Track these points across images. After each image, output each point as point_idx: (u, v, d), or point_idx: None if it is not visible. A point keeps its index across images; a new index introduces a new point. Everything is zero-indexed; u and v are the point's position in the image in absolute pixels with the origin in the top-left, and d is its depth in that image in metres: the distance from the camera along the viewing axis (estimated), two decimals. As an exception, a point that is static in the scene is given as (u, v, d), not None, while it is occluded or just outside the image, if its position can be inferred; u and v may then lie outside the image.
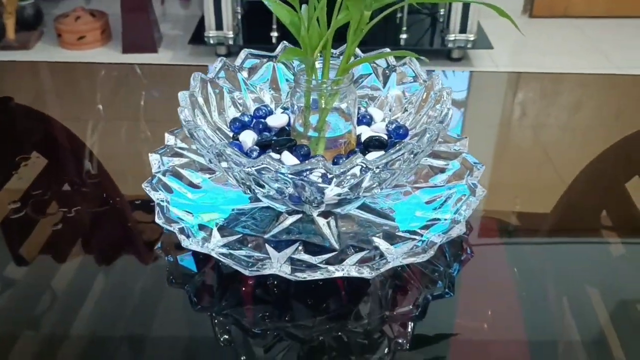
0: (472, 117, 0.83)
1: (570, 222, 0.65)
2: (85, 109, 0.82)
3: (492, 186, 0.67)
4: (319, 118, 0.54)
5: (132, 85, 0.89)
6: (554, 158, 0.74)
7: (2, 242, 0.57)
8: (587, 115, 0.85)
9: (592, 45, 2.22)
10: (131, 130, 0.79)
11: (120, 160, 0.71)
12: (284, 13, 0.52)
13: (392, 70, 0.62)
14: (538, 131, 0.81)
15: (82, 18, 2.09)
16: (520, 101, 0.89)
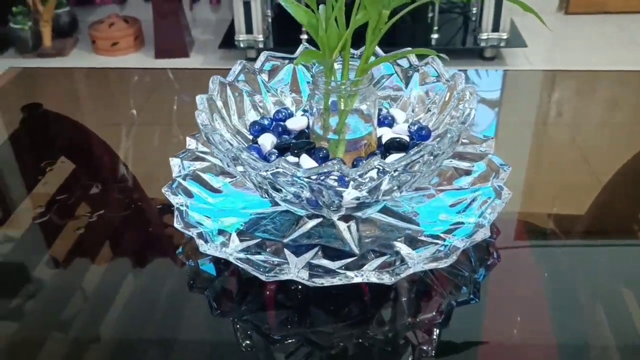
0: (505, 117, 0.81)
1: (603, 224, 0.62)
2: (115, 114, 0.83)
3: (524, 187, 0.65)
4: (338, 120, 0.53)
5: (162, 90, 0.90)
6: (589, 158, 0.71)
7: (30, 246, 0.58)
8: (625, 114, 0.82)
9: (631, 41, 2.15)
10: (160, 135, 0.79)
11: (147, 164, 0.71)
12: (302, 14, 0.51)
13: (414, 70, 0.61)
14: (573, 131, 0.78)
15: (116, 25, 2.13)
16: (555, 100, 0.86)
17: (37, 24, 2.10)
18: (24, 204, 0.64)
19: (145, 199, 0.65)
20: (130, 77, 0.98)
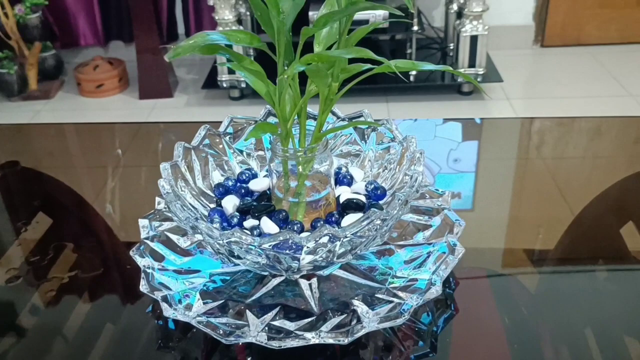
0: (480, 160, 0.84)
1: (564, 271, 0.64)
2: (91, 169, 0.85)
3: (487, 239, 0.67)
4: (297, 184, 0.55)
5: (139, 143, 0.92)
6: (555, 205, 0.74)
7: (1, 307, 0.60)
8: (602, 160, 0.85)
9: (605, 72, 2.20)
10: (135, 190, 0.81)
11: (123, 221, 0.73)
12: (260, 85, 0.54)
13: (372, 129, 0.64)
14: (551, 174, 0.81)
15: (101, 67, 2.16)
16: (532, 146, 0.89)
17: (22, 68, 2.14)
18: (-3, 266, 0.66)
19: (118, 258, 0.67)
20: (107, 131, 1.00)
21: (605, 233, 0.69)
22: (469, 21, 1.93)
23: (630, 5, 2.35)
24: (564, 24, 2.39)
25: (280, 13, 0.45)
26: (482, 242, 0.67)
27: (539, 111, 1.94)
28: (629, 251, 0.64)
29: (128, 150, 0.90)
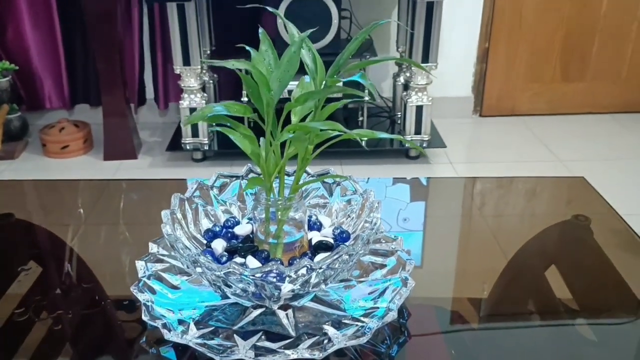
0: (428, 217, 0.97)
1: (500, 308, 0.77)
2: (71, 221, 0.94)
3: (436, 275, 0.79)
4: (276, 228, 0.67)
5: (111, 199, 1.02)
6: (502, 250, 0.87)
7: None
8: (537, 215, 1.00)
9: (537, 140, 2.44)
10: (114, 238, 0.91)
11: (105, 265, 0.82)
12: (246, 144, 0.66)
13: (336, 184, 0.76)
14: (491, 228, 0.95)
15: (67, 129, 2.24)
16: (470, 203, 1.03)
17: (-13, 129, 2.19)
18: None
19: (105, 297, 0.76)
20: (89, 187, 1.09)
21: (533, 274, 0.82)
22: (415, 92, 2.13)
23: (556, 80, 2.63)
24: (500, 97, 2.64)
25: (270, 91, 0.58)
26: (430, 292, 0.79)
27: (478, 173, 2.12)
28: (551, 289, 0.77)
29: (97, 205, 0.99)
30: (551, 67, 2.61)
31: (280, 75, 0.58)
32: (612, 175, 2.10)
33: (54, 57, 2.36)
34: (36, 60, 2.35)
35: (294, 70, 0.59)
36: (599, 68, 2.62)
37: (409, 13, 2.10)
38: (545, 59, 2.59)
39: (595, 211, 0.97)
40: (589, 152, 2.32)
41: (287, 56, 0.59)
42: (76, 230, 0.91)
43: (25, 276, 0.78)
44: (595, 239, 0.90)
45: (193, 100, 2.10)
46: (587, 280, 0.81)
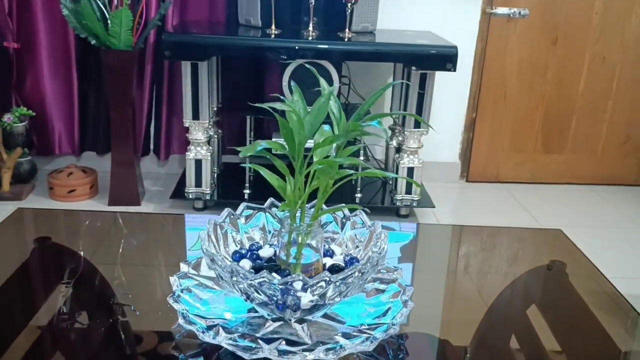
0: (417, 260, 1.08)
1: (484, 344, 0.87)
2: (95, 250, 1.04)
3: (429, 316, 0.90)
4: (296, 250, 0.78)
5: (144, 232, 1.12)
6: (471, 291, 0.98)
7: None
8: (519, 264, 1.12)
9: (519, 206, 2.59)
10: (144, 268, 1.01)
11: (136, 282, 0.92)
12: (274, 179, 0.78)
13: (347, 219, 0.88)
14: (475, 280, 1.06)
15: (74, 174, 2.35)
16: (460, 250, 1.15)
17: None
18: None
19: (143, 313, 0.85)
20: (116, 219, 1.20)
21: (516, 313, 0.93)
22: (407, 155, 2.27)
23: (538, 151, 2.81)
24: (485, 164, 2.81)
25: (303, 131, 0.70)
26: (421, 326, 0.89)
27: (465, 234, 2.25)
28: (532, 326, 0.88)
29: (119, 235, 1.10)
30: (533, 139, 2.79)
31: (312, 120, 0.71)
32: (590, 241, 2.23)
33: (68, 106, 2.49)
34: (51, 107, 2.48)
35: (323, 116, 0.72)
36: (577, 142, 2.81)
37: (403, 83, 2.28)
38: (527, 132, 2.78)
39: (571, 258, 1.09)
40: (568, 219, 2.46)
41: (317, 105, 0.72)
42: (106, 253, 1.01)
43: (64, 289, 0.88)
44: (570, 281, 1.02)
45: (199, 152, 2.23)
46: (562, 319, 0.92)
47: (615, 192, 2.79)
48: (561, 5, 2.58)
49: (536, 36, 2.62)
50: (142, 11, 2.14)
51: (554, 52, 2.65)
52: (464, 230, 1.24)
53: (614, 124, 2.79)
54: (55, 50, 2.42)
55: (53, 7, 2.33)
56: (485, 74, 2.66)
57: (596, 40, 2.64)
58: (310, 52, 2.08)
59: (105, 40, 2.09)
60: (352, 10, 2.15)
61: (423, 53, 2.12)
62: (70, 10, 2.06)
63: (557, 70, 2.68)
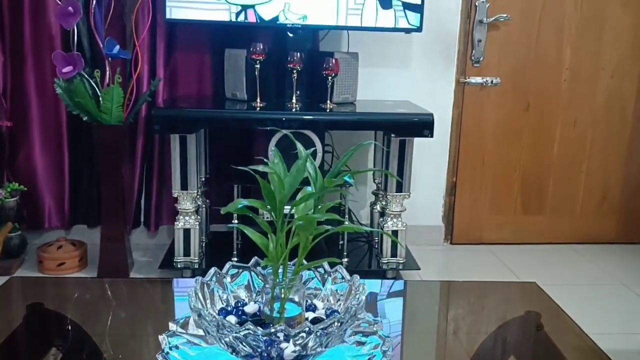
0: (406, 317, 1.12)
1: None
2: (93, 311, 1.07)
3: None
4: (280, 305, 0.82)
5: (126, 300, 1.16)
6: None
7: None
8: (475, 311, 1.16)
9: (503, 266, 2.64)
10: (129, 333, 1.04)
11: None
12: (257, 237, 0.83)
13: (328, 274, 0.93)
14: (460, 337, 1.10)
15: (64, 247, 2.38)
16: (432, 303, 1.19)
17: (-14, 246, 2.31)
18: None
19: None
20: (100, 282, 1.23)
21: None
22: (390, 219, 2.34)
23: (518, 213, 2.88)
24: (468, 226, 2.88)
25: (283, 190, 0.77)
26: None
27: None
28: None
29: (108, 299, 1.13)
30: (513, 201, 2.88)
31: (291, 180, 0.77)
32: (574, 298, 2.27)
33: (59, 180, 2.55)
34: (42, 182, 2.54)
35: (301, 177, 0.78)
36: (555, 203, 2.89)
37: (384, 149, 2.38)
38: (506, 194, 2.86)
39: (545, 308, 1.14)
40: (552, 278, 2.50)
41: (296, 167, 0.79)
42: (97, 318, 1.04)
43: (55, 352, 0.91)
44: (545, 331, 1.06)
45: (187, 221, 2.27)
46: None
47: (596, 250, 2.85)
48: (531, 73, 2.73)
49: (509, 103, 2.76)
50: (132, 88, 2.25)
51: (527, 118, 2.78)
52: (442, 285, 1.29)
53: (590, 184, 2.89)
54: (48, 126, 2.50)
55: (46, 86, 2.43)
56: (462, 140, 2.78)
57: (566, 106, 2.78)
58: (295, 123, 2.18)
59: (96, 117, 2.18)
60: (333, 82, 2.27)
61: (401, 121, 2.23)
62: (64, 89, 2.16)
63: (532, 135, 2.80)
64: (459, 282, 1.28)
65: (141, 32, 2.33)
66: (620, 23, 2.72)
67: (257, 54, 2.19)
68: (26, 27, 2.37)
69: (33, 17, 2.37)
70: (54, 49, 2.32)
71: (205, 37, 2.49)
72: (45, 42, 2.39)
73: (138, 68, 2.29)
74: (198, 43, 2.50)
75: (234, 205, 0.74)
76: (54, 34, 2.38)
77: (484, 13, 2.64)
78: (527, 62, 2.72)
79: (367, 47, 2.57)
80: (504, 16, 2.64)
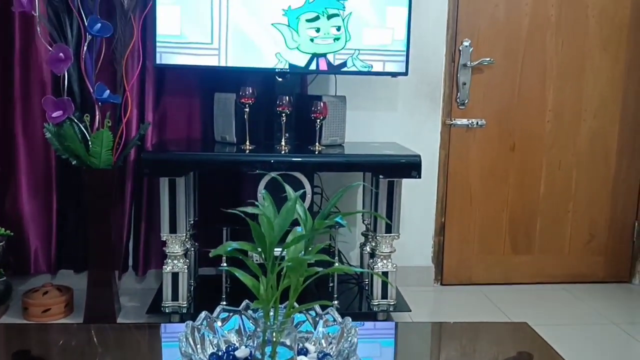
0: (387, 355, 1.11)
1: None
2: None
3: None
4: (271, 349, 0.81)
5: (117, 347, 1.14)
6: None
7: None
8: (467, 352, 1.15)
9: (493, 306, 2.63)
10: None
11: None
12: (248, 279, 0.83)
13: (319, 317, 0.92)
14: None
15: (50, 292, 2.34)
16: (425, 346, 1.18)
17: (-30, 293, 2.27)
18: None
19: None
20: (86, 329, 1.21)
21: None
22: (380, 260, 2.33)
23: (507, 253, 2.89)
24: (458, 267, 2.87)
25: (273, 231, 0.77)
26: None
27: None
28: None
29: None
30: (501, 241, 2.89)
31: (281, 222, 0.78)
32: (565, 338, 2.26)
33: (46, 225, 2.52)
34: (29, 227, 2.51)
35: (291, 218, 0.79)
36: (543, 243, 2.91)
37: (372, 190, 2.39)
38: (495, 234, 2.88)
39: (537, 349, 1.13)
40: (543, 318, 2.50)
41: (285, 209, 0.79)
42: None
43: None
44: (537, 372, 1.06)
45: (176, 265, 2.25)
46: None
47: (585, 289, 2.85)
48: (515, 115, 2.79)
49: (495, 144, 2.80)
50: (122, 132, 2.26)
51: (513, 158, 2.82)
52: (434, 326, 1.28)
53: (577, 224, 2.91)
54: (36, 171, 2.49)
55: (35, 131, 2.43)
56: (450, 180, 2.80)
57: (551, 146, 2.83)
58: (284, 165, 2.20)
59: (86, 160, 2.18)
60: (321, 125, 2.30)
61: (389, 162, 2.26)
62: (53, 133, 2.17)
63: (518, 175, 2.84)
64: (450, 323, 1.28)
65: (131, 76, 2.36)
66: (599, 65, 2.80)
67: (247, 98, 2.22)
68: (16, 71, 2.39)
69: (24, 62, 2.39)
70: (45, 93, 2.34)
71: (195, 81, 2.53)
72: (36, 87, 2.41)
73: (128, 112, 2.31)
74: (187, 87, 2.53)
75: (224, 247, 0.74)
76: (45, 79, 2.40)
77: (467, 57, 2.71)
78: (511, 103, 2.78)
79: (354, 90, 2.62)
80: (487, 60, 2.71)
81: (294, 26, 2.32)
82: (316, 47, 2.34)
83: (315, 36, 2.33)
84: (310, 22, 2.32)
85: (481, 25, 2.70)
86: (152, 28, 2.29)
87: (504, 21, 2.71)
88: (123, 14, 2.25)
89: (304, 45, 2.33)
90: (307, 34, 2.32)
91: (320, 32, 2.33)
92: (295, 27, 2.32)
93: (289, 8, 2.30)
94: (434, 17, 2.67)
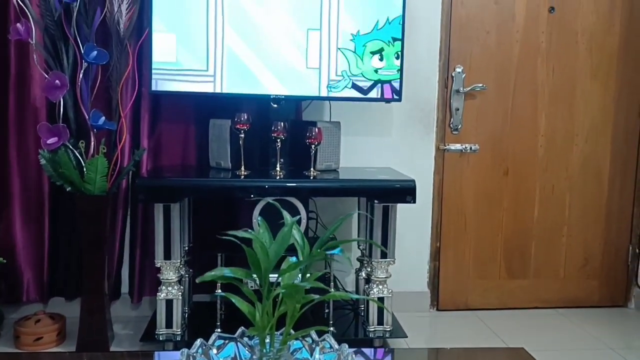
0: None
1: None
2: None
3: None
4: (267, 376, 0.81)
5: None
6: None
7: None
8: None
9: (489, 331, 2.62)
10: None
11: None
12: (244, 306, 0.83)
13: (316, 344, 0.92)
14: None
15: (42, 321, 2.31)
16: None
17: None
18: None
19: None
20: None
21: None
22: (376, 285, 2.32)
23: (502, 277, 2.89)
24: (453, 292, 2.86)
25: (268, 258, 0.77)
26: None
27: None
28: None
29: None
30: (496, 266, 2.89)
31: (277, 248, 0.78)
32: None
33: (39, 253, 2.50)
34: (21, 255, 2.49)
35: (287, 244, 0.79)
36: (538, 267, 2.91)
37: (367, 216, 2.39)
38: (490, 259, 2.88)
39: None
40: (540, 343, 2.48)
41: (281, 234, 0.79)
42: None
43: None
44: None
45: (170, 292, 2.24)
46: None
47: (580, 314, 2.85)
48: (508, 140, 2.81)
49: (488, 168, 2.82)
50: (117, 158, 2.26)
51: (506, 183, 2.83)
52: (430, 352, 1.27)
53: (572, 248, 2.91)
54: (29, 198, 2.48)
55: (28, 157, 2.43)
56: (444, 205, 2.81)
57: (544, 171, 2.85)
58: (279, 190, 2.20)
59: (80, 187, 2.18)
60: (316, 150, 2.31)
61: (384, 187, 2.26)
62: (48, 160, 2.17)
63: (511, 200, 2.85)
64: (447, 349, 1.27)
65: (126, 103, 2.37)
66: (589, 91, 2.83)
67: (242, 124, 2.23)
68: (11, 98, 2.40)
69: (19, 89, 2.40)
70: (39, 120, 2.34)
71: (190, 107, 2.54)
72: (30, 113, 2.41)
73: (123, 138, 2.31)
74: (182, 113, 2.54)
75: (213, 274, 0.74)
76: (39, 105, 2.41)
77: (460, 83, 2.74)
78: (504, 129, 2.80)
79: (349, 116, 2.64)
80: (480, 86, 2.74)
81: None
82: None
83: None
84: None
85: (473, 51, 2.74)
86: (148, 55, 2.31)
87: (495, 48, 2.75)
88: (119, 42, 2.27)
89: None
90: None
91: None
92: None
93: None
94: (427, 44, 2.71)
